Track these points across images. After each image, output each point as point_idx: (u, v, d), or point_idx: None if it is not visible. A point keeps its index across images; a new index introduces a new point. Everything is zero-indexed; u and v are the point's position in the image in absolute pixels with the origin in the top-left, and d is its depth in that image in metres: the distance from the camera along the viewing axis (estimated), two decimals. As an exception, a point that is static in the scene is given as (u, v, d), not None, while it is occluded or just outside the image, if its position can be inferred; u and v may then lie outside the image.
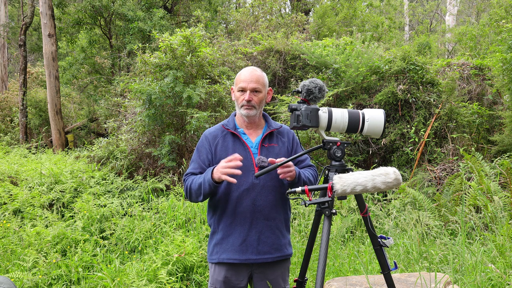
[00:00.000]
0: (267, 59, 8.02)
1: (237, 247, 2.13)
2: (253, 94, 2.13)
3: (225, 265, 2.17)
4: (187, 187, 2.15)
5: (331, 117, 2.00)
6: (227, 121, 2.24)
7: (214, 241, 2.20)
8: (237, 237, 2.12)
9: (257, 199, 2.12)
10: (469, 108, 6.48)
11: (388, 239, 2.03)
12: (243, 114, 2.14)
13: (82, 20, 12.63)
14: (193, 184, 2.11)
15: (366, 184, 1.77)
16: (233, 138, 2.18)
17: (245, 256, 2.13)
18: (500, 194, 4.47)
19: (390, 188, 1.80)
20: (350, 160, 6.31)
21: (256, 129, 2.23)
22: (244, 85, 2.11)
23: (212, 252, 2.20)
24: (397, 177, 1.79)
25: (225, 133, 2.19)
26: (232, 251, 2.13)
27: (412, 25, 22.99)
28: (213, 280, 2.20)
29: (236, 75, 2.19)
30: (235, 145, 2.16)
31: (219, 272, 2.18)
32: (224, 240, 2.15)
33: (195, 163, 2.21)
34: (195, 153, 2.24)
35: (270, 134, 2.22)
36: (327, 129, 2.03)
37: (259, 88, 2.13)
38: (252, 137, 2.21)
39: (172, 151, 6.43)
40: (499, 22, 8.09)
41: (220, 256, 2.16)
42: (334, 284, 2.73)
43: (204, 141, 2.21)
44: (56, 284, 3.60)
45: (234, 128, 2.19)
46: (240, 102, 2.13)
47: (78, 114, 14.70)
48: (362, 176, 1.79)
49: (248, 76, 2.12)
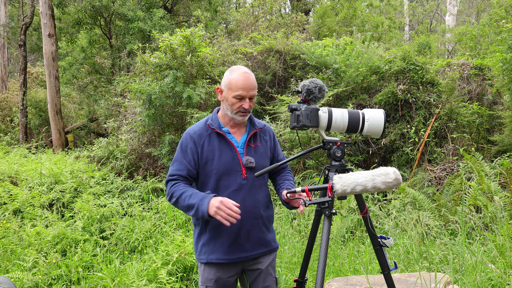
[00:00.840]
0: (267, 59, 8.02)
1: (226, 248, 2.13)
2: (251, 101, 2.12)
3: (215, 265, 2.17)
4: (175, 197, 2.07)
5: (331, 117, 2.01)
6: (211, 119, 2.19)
7: (202, 242, 2.18)
8: (227, 238, 2.12)
9: (246, 199, 2.12)
10: (469, 108, 6.48)
11: (388, 239, 2.04)
12: (237, 119, 2.13)
13: (82, 20, 12.63)
14: (182, 200, 2.04)
15: (366, 184, 1.78)
16: (218, 138, 2.15)
17: (234, 255, 2.14)
18: (500, 194, 4.47)
19: (390, 188, 1.81)
20: (350, 160, 6.31)
21: (240, 128, 2.21)
22: (244, 94, 2.07)
23: (200, 252, 2.19)
24: (397, 177, 1.79)
25: (210, 132, 2.16)
26: (221, 251, 2.13)
27: (412, 25, 22.99)
28: (204, 279, 2.20)
29: (228, 78, 2.11)
30: (221, 146, 2.13)
31: (209, 271, 2.18)
32: (212, 241, 2.15)
33: (179, 163, 2.13)
34: (179, 152, 2.16)
35: (255, 133, 2.22)
36: (327, 129, 2.03)
37: (255, 94, 2.14)
38: (236, 136, 2.19)
39: (172, 151, 6.43)
40: (499, 22, 8.09)
41: (209, 257, 2.15)
42: (334, 284, 2.73)
43: (188, 140, 2.15)
44: (56, 284, 3.60)
45: (219, 127, 2.16)
46: (236, 109, 2.10)
47: (78, 114, 14.71)
48: (362, 176, 1.79)
49: (247, 83, 2.08)
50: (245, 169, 2.11)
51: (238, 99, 2.08)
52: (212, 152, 2.12)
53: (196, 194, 2.01)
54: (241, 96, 2.08)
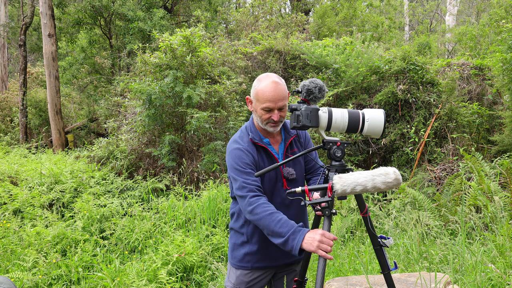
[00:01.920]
0: (267, 59, 8.02)
1: (272, 255, 2.17)
2: (280, 111, 2.05)
3: (257, 270, 2.21)
4: (256, 214, 1.92)
5: (331, 117, 2.00)
6: (252, 133, 2.11)
7: (247, 250, 2.18)
8: (274, 247, 2.10)
9: (290, 207, 2.14)
10: (469, 108, 6.48)
11: (388, 239, 2.03)
12: (269, 130, 2.08)
13: (82, 20, 12.64)
14: (267, 224, 1.88)
15: (366, 184, 1.77)
16: (263, 151, 2.11)
17: (277, 262, 2.20)
18: (500, 194, 4.47)
19: (390, 188, 1.80)
20: (350, 160, 6.31)
21: (276, 136, 2.19)
22: (272, 106, 2.00)
23: (243, 260, 2.20)
24: (397, 177, 1.79)
25: (256, 147, 2.11)
26: (267, 259, 2.18)
27: (412, 25, 22.99)
28: (238, 281, 2.22)
29: (256, 89, 2.03)
30: (265, 158, 2.11)
31: (245, 274, 2.22)
32: (260, 252, 2.17)
33: (249, 174, 1.99)
34: (241, 166, 2.01)
35: (290, 141, 2.19)
36: (327, 129, 2.02)
37: (285, 104, 2.05)
38: (275, 145, 2.17)
39: (172, 151, 6.43)
40: (499, 22, 8.09)
41: (254, 265, 2.19)
42: (334, 284, 2.72)
43: (244, 153, 2.04)
44: (56, 284, 3.60)
45: (261, 140, 2.12)
46: (265, 120, 2.04)
47: (78, 114, 14.71)
48: (362, 176, 1.79)
49: (274, 95, 1.99)
50: (285, 180, 2.13)
51: (267, 111, 2.03)
52: (261, 167, 2.09)
53: (286, 222, 1.86)
54: (270, 108, 2.01)
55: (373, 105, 6.68)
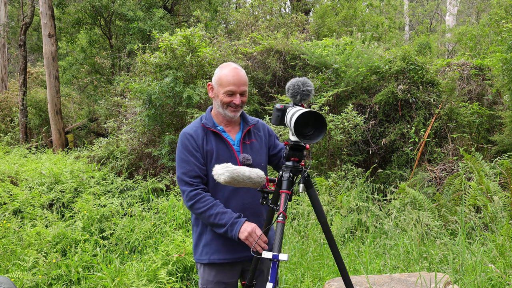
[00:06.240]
0: (267, 59, 8.02)
1: (228, 247, 2.13)
2: (242, 96, 2.13)
3: (216, 266, 2.17)
4: (199, 209, 2.05)
5: (284, 117, 2.02)
6: (205, 118, 2.19)
7: (204, 242, 2.17)
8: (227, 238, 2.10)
9: (244, 197, 2.14)
10: (469, 108, 6.48)
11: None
12: (229, 115, 2.14)
13: (82, 20, 12.64)
14: (208, 216, 2.04)
15: (243, 173, 1.86)
16: (214, 137, 2.16)
17: (236, 254, 2.14)
18: (500, 194, 4.47)
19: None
20: (350, 160, 6.31)
21: (234, 126, 2.23)
22: (234, 89, 2.09)
23: (202, 253, 2.18)
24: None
25: (206, 132, 2.16)
26: (224, 251, 2.13)
27: (412, 25, 22.99)
28: (204, 281, 2.19)
29: (218, 74, 2.13)
30: (218, 144, 2.14)
31: (209, 272, 2.18)
32: (214, 241, 2.14)
33: (188, 163, 2.09)
34: (184, 153, 2.11)
35: (248, 130, 2.24)
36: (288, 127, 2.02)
37: (246, 89, 2.15)
38: (231, 134, 2.21)
39: (172, 151, 6.43)
40: (499, 22, 8.09)
41: (211, 257, 2.15)
42: (334, 284, 2.72)
43: (190, 140, 2.12)
44: (56, 284, 3.60)
45: (214, 126, 2.17)
46: (227, 103, 2.12)
47: (78, 114, 14.71)
48: (246, 169, 1.89)
49: (237, 79, 2.10)
50: (242, 165, 2.11)
51: (229, 95, 2.10)
52: (210, 152, 2.13)
53: (224, 214, 2.03)
54: (232, 92, 2.10)
55: (373, 105, 6.68)
